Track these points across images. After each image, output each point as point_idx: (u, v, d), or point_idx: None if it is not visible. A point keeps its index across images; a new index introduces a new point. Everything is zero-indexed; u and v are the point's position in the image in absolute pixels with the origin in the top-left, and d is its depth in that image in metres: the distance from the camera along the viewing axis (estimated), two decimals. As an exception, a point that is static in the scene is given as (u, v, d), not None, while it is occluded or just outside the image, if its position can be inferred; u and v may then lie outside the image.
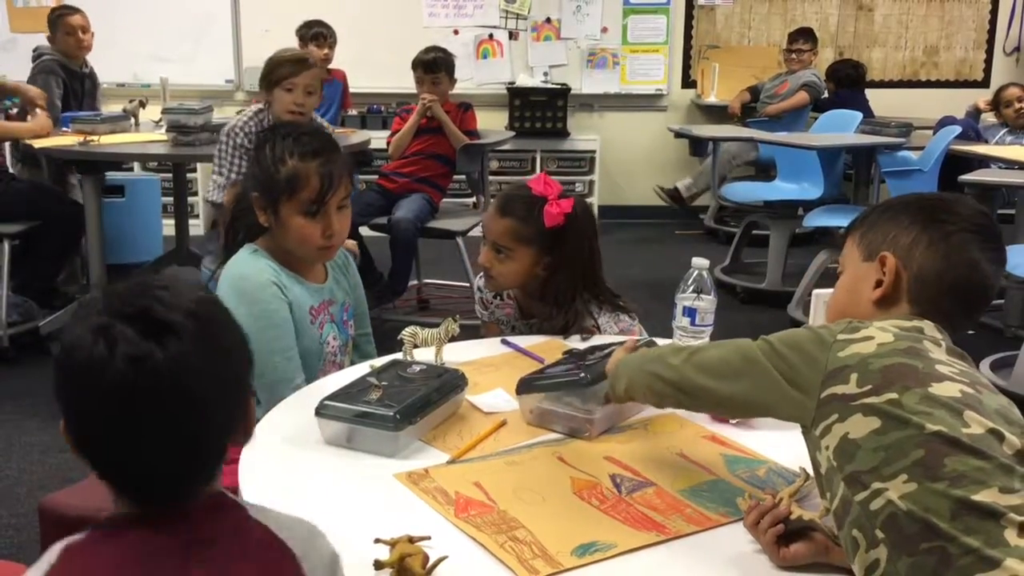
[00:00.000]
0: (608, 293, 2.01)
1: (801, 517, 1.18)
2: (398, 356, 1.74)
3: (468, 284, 4.11)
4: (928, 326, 1.16)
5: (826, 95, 5.96)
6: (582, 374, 1.49)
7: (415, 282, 4.47)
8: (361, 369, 1.68)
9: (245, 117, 3.43)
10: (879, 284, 1.21)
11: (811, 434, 1.12)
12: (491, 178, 4.90)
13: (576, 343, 1.88)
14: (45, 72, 4.34)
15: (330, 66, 5.14)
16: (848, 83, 6.03)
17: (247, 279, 1.79)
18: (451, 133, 4.14)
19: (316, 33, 5.00)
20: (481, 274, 2.11)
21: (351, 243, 3.76)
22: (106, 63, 4.94)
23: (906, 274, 1.20)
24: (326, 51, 5.01)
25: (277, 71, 3.33)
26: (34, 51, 4.47)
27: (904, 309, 1.19)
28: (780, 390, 1.13)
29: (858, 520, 1.03)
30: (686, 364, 1.23)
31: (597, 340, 1.81)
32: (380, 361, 1.71)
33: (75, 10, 4.47)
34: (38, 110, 3.87)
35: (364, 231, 4.16)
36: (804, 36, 6.00)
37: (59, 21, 4.40)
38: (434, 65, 4.17)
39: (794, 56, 5.94)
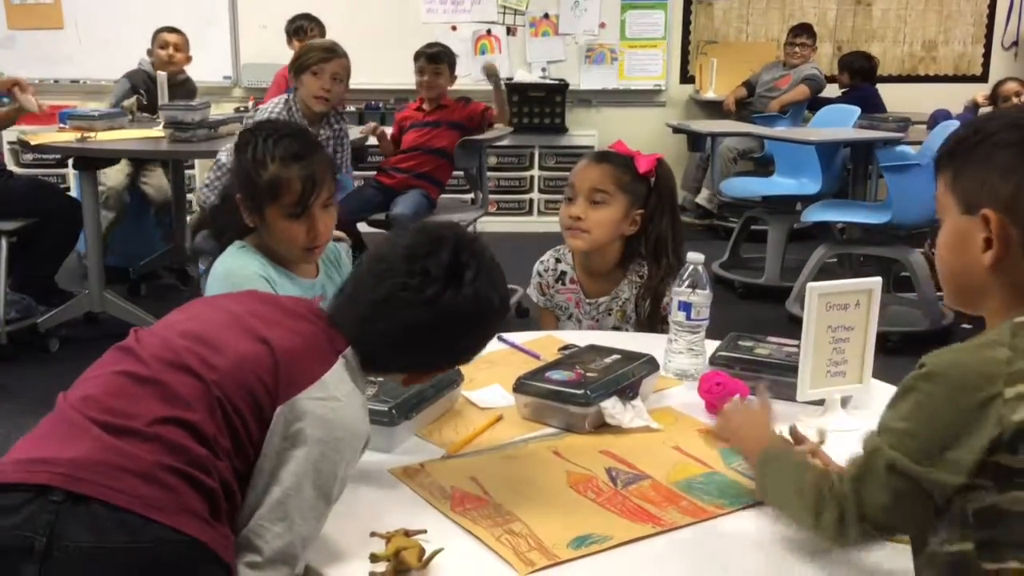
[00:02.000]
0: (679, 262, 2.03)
1: None
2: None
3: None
4: None
5: (842, 90, 5.96)
6: (583, 392, 1.49)
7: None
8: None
9: (276, 108, 3.48)
10: (988, 244, 1.01)
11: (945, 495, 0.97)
12: (489, 174, 4.90)
13: (574, 339, 1.89)
14: (126, 76, 4.77)
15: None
16: (864, 75, 6.02)
17: (235, 273, 1.79)
18: (499, 103, 4.33)
19: (297, 27, 5.02)
20: (544, 258, 2.16)
21: (339, 234, 3.79)
22: (104, 60, 4.95)
23: (1016, 231, 0.99)
24: None
25: (305, 57, 3.48)
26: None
27: None
28: (933, 479, 0.97)
29: None
30: (853, 529, 1.04)
31: (595, 339, 1.81)
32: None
33: (174, 30, 4.80)
34: (17, 91, 3.78)
35: (362, 227, 4.15)
36: (807, 31, 6.01)
37: (156, 35, 4.78)
38: (437, 57, 4.20)
39: (797, 50, 5.94)
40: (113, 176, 4.50)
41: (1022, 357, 0.95)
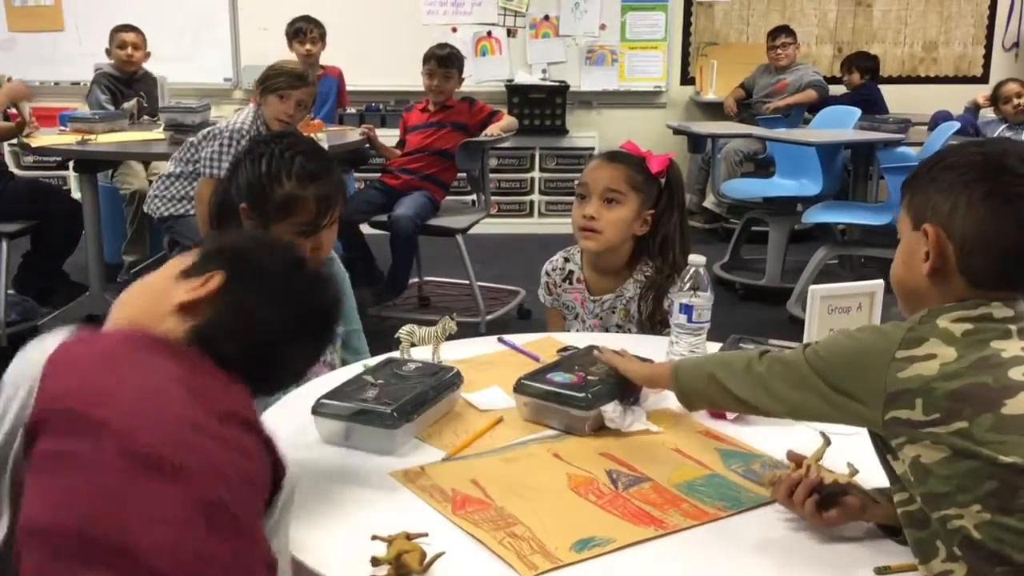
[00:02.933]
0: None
1: (836, 481, 1.21)
2: (394, 355, 1.74)
3: (468, 282, 4.11)
4: (996, 308, 1.08)
5: (850, 89, 5.97)
6: (584, 395, 1.48)
7: (416, 280, 4.47)
8: (356, 368, 1.68)
9: (247, 122, 3.48)
10: (927, 256, 1.12)
11: (885, 442, 1.10)
12: (489, 175, 4.89)
13: (574, 341, 1.89)
14: (94, 81, 4.87)
15: (325, 63, 5.12)
16: (872, 73, 6.03)
17: None
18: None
19: (297, 29, 5.01)
20: (554, 258, 2.17)
21: None
22: (104, 62, 4.95)
23: (951, 245, 1.09)
24: (308, 46, 4.97)
25: (275, 80, 3.49)
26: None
27: (959, 282, 1.10)
28: (845, 407, 1.12)
29: (938, 534, 1.05)
30: (757, 390, 1.21)
31: (594, 340, 1.81)
32: (375, 360, 1.71)
33: (129, 28, 4.83)
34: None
35: (364, 228, 4.16)
36: (784, 31, 6.02)
37: (113, 35, 4.83)
38: (448, 60, 4.20)
39: (779, 51, 5.94)
40: (138, 182, 4.54)
41: (923, 327, 1.08)
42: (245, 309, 1.08)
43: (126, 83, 4.81)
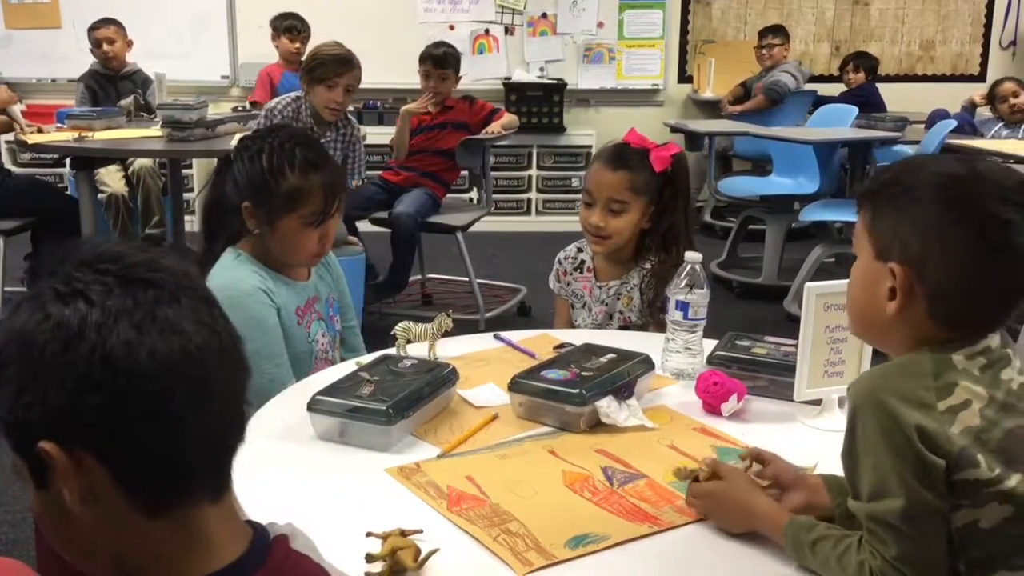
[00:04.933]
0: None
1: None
2: (390, 351, 1.74)
3: (468, 279, 4.11)
4: (991, 338, 1.02)
5: (846, 88, 5.98)
6: (578, 391, 1.48)
7: (418, 277, 4.47)
8: (350, 366, 1.68)
9: (284, 101, 3.56)
10: (892, 293, 1.03)
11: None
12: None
13: (569, 338, 1.89)
14: (79, 80, 4.88)
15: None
16: (874, 72, 6.05)
17: (234, 287, 1.75)
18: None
19: (289, 26, 5.10)
20: (568, 248, 2.19)
21: (352, 239, 3.81)
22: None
23: (921, 288, 1.01)
24: (298, 45, 5.05)
25: (321, 69, 3.50)
26: None
27: (927, 323, 1.02)
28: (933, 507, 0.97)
29: None
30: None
31: (590, 338, 1.81)
32: (370, 357, 1.71)
33: (103, 23, 4.81)
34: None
35: (365, 226, 4.15)
36: (774, 31, 5.99)
37: (89, 35, 4.82)
38: (444, 60, 4.19)
39: (764, 52, 5.93)
40: (114, 183, 4.53)
41: (945, 371, 1.00)
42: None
43: (111, 81, 4.80)
